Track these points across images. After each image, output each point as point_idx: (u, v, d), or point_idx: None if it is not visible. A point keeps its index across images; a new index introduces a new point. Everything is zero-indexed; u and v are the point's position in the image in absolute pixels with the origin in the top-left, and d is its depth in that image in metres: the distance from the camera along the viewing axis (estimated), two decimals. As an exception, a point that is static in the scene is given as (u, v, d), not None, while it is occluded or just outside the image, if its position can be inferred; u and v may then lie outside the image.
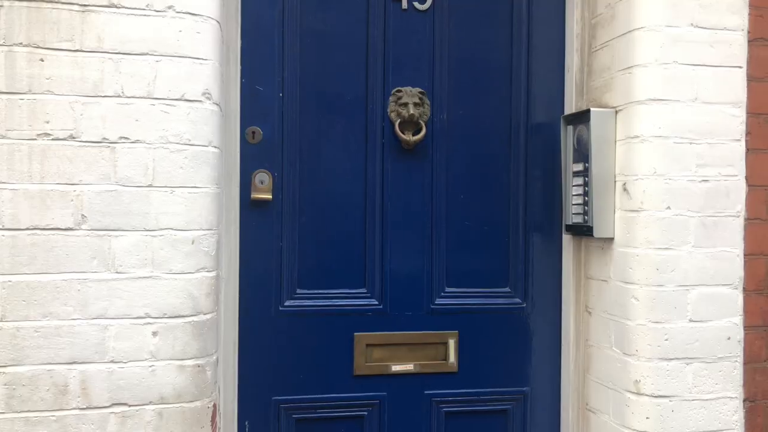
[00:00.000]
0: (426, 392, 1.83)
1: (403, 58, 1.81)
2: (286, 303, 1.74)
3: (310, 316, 1.76)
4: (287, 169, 1.74)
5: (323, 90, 1.77)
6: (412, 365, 1.81)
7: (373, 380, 1.80)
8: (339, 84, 1.78)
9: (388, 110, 1.79)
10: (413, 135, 1.78)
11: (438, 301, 1.84)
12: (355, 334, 1.78)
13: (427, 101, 1.80)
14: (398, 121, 1.78)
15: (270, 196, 1.70)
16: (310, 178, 1.76)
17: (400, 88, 1.79)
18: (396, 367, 1.80)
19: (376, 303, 1.81)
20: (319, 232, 1.76)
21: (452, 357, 1.81)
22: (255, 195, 1.69)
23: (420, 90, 1.80)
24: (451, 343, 1.82)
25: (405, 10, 1.80)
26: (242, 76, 1.70)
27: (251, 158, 1.71)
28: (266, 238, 1.72)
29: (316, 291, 1.77)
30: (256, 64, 1.71)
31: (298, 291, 1.76)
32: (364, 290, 1.80)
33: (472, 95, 1.85)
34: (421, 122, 1.79)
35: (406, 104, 1.77)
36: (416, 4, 1.81)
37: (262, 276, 1.72)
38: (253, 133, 1.70)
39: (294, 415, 1.74)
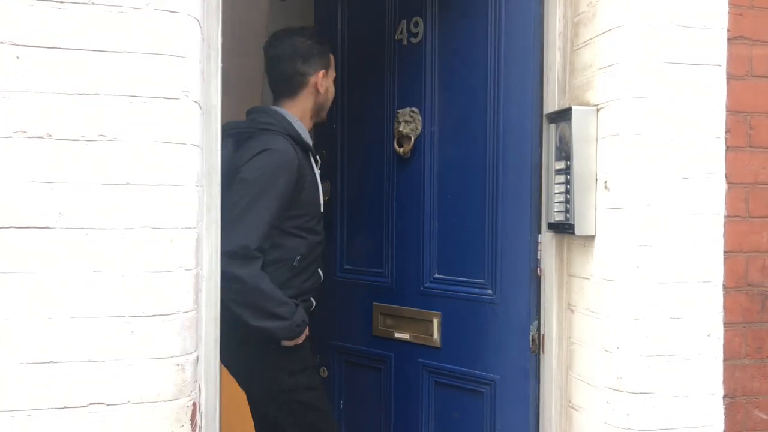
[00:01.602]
0: (419, 360, 2.17)
1: (404, 84, 2.21)
2: (338, 274, 2.38)
3: (350, 286, 2.35)
4: (339, 178, 2.37)
5: (360, 119, 2.34)
6: (408, 335, 2.20)
7: (385, 342, 2.26)
8: (369, 113, 2.31)
9: (393, 128, 2.21)
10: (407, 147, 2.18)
11: (426, 284, 2.16)
12: (374, 303, 2.28)
13: (419, 118, 2.14)
14: (397, 136, 2.19)
15: (327, 198, 2.28)
16: (351, 185, 2.36)
17: (399, 110, 2.18)
18: (397, 334, 2.22)
19: (387, 281, 2.26)
20: (358, 223, 2.35)
21: (436, 334, 2.10)
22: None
23: (411, 109, 2.15)
24: (435, 322, 2.10)
25: (405, 45, 2.19)
26: None
27: (321, 172, 2.23)
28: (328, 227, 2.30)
29: (356, 267, 2.35)
30: None
31: (346, 266, 2.38)
32: (381, 270, 2.28)
33: (458, 107, 2.05)
34: (411, 136, 2.15)
35: (400, 122, 2.16)
36: (411, 39, 2.17)
37: (327, 253, 2.27)
38: (321, 155, 2.28)
39: (343, 357, 2.38)
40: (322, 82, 2.06)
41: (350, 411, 2.39)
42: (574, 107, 1.73)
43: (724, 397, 1.68)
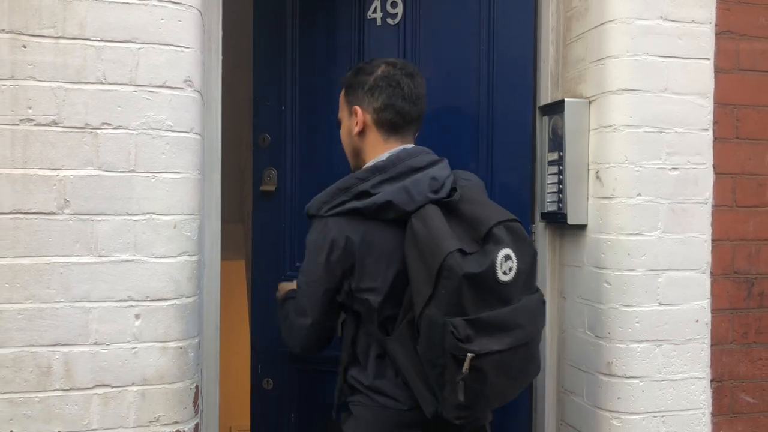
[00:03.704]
0: None
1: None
2: (288, 273, 2.01)
3: None
4: (288, 166, 2.06)
5: (316, 100, 2.04)
6: None
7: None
8: (329, 93, 1.95)
9: None
10: None
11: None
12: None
13: None
14: None
15: (274, 188, 2.04)
16: (305, 172, 2.06)
17: None
18: None
19: None
20: None
21: None
22: (263, 187, 2.04)
23: None
24: None
25: (379, 25, 2.02)
26: (254, 93, 2.05)
27: (262, 158, 2.06)
28: (273, 220, 2.06)
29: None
30: (264, 85, 2.07)
31: (297, 264, 1.90)
32: None
33: (443, 93, 1.97)
34: None
35: None
36: (388, 20, 2.02)
37: (270, 250, 2.05)
38: (264, 138, 2.05)
39: (296, 366, 2.04)
40: None
41: (305, 425, 2.06)
42: (566, 100, 1.77)
43: (711, 381, 1.73)
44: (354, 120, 1.46)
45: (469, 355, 1.24)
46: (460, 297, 1.26)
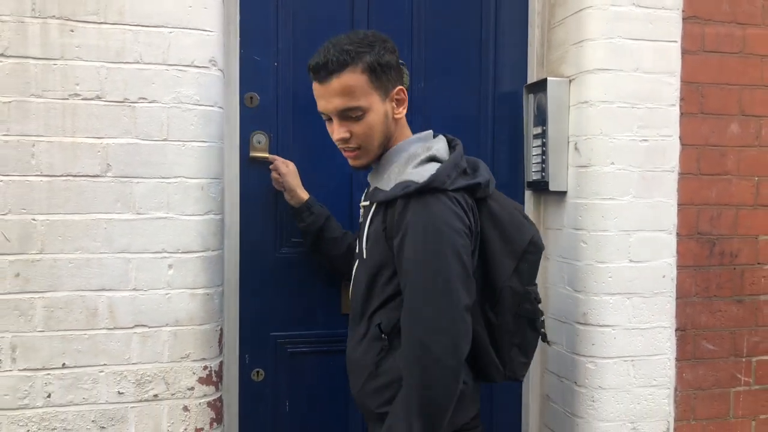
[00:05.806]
0: None
1: (385, 33, 1.87)
2: (282, 250, 1.93)
3: (305, 263, 1.93)
4: (287, 130, 1.92)
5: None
6: None
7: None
8: None
9: None
10: None
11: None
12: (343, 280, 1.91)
13: (406, 71, 1.82)
14: None
15: (266, 155, 1.86)
16: (301, 139, 1.92)
17: None
18: None
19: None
20: (310, 187, 1.85)
21: None
22: (254, 154, 1.87)
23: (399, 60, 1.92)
24: None
25: None
26: (241, 47, 1.87)
27: (249, 120, 1.88)
28: (264, 192, 1.89)
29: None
30: (254, 38, 1.89)
31: (293, 240, 1.93)
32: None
33: (447, 67, 2.06)
34: None
35: None
36: None
37: (261, 226, 1.90)
38: (251, 98, 1.89)
39: (288, 349, 1.94)
40: None
41: (302, 412, 1.98)
42: (549, 78, 1.96)
43: (676, 330, 1.94)
44: (398, 103, 1.44)
45: (543, 317, 1.47)
46: (536, 269, 1.48)
